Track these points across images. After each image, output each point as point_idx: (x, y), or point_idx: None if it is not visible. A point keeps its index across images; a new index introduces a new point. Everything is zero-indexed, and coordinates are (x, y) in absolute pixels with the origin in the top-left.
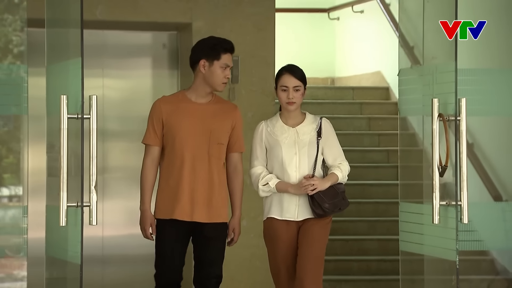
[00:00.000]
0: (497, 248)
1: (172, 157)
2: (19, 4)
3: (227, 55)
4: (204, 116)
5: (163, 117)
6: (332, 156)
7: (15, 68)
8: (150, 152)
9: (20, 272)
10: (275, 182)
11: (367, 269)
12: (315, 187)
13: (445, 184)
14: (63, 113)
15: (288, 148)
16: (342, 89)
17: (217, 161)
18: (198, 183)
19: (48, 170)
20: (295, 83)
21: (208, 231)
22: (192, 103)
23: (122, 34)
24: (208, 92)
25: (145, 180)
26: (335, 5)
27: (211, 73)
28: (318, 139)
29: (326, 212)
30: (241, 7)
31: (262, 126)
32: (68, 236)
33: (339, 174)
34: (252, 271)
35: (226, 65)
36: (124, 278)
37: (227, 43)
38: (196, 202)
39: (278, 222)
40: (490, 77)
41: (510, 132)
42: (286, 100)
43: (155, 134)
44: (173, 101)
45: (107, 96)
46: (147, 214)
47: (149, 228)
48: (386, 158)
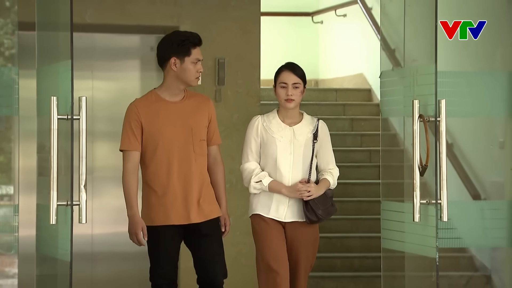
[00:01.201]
0: (476, 245)
1: (157, 162)
2: (10, 8)
3: (197, 49)
4: (183, 115)
5: (142, 120)
6: (325, 160)
7: (6, 70)
8: (130, 157)
9: (11, 269)
10: (268, 181)
11: (350, 266)
12: (311, 194)
13: (426, 183)
14: (53, 114)
15: (283, 147)
16: (326, 90)
17: (202, 158)
18: (189, 184)
19: (39, 170)
20: (294, 80)
21: (205, 228)
22: (167, 103)
23: (111, 37)
24: (181, 89)
25: (129, 186)
26: (318, 9)
27: (183, 70)
28: (314, 142)
29: (319, 219)
30: (227, 10)
31: (258, 120)
32: (58, 234)
33: (330, 180)
34: (238, 268)
35: (197, 60)
36: (113, 274)
37: (194, 37)
38: (191, 204)
39: (265, 218)
40: (469, 79)
41: (488, 132)
42: (285, 97)
43: (135, 138)
44: (149, 103)
45: (96, 98)
46: (136, 219)
47: (141, 233)
48: (368, 158)
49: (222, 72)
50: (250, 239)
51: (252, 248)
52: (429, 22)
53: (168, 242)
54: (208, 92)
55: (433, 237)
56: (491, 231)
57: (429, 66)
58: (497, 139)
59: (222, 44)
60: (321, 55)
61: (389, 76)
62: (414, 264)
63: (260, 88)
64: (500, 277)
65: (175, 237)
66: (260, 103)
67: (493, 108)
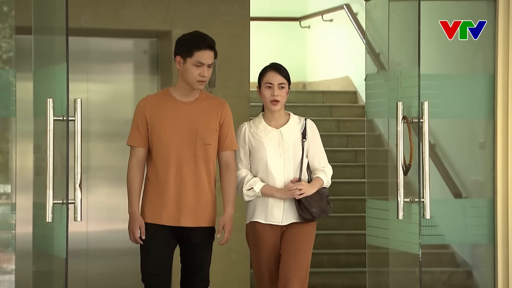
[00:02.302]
0: (457, 242)
1: (158, 160)
2: (8, 13)
3: (202, 52)
4: (190, 116)
5: (147, 117)
6: (316, 159)
7: (4, 73)
8: (135, 153)
9: (8, 265)
10: (260, 186)
11: (336, 262)
12: (303, 192)
13: (409, 182)
14: (50, 116)
15: (272, 150)
16: (313, 93)
17: (205, 163)
18: (185, 186)
19: (35, 169)
20: (280, 80)
21: (196, 236)
22: (176, 102)
23: (106, 41)
24: (189, 90)
25: (131, 182)
26: (306, 14)
27: (185, 71)
28: (303, 141)
29: (314, 217)
30: (218, 15)
31: (244, 128)
32: (54, 232)
33: (324, 178)
34: (228, 264)
35: (199, 63)
36: (108, 271)
37: (201, 40)
38: (183, 207)
39: (261, 226)
40: (451, 82)
41: (469, 133)
42: (271, 98)
43: (140, 134)
44: (157, 100)
45: (91, 100)
46: (135, 217)
47: (138, 231)
48: (354, 158)
49: (213, 75)
50: (240, 236)
51: (242, 243)
52: (412, 27)
53: (157, 242)
54: None
55: (416, 234)
56: (472, 229)
57: (412, 69)
58: (477, 139)
59: None
60: (309, 58)
61: (374, 79)
62: (398, 260)
63: (250, 91)
64: (480, 273)
65: (166, 238)
66: (249, 104)
67: (474, 109)
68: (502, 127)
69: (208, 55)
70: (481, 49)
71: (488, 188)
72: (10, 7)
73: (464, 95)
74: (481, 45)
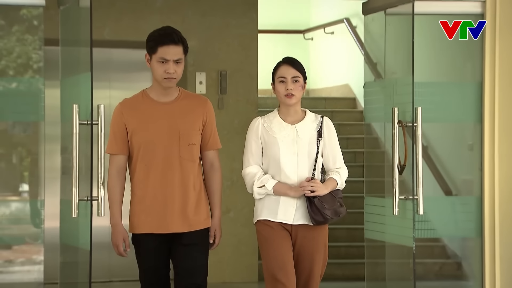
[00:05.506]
0: (448, 235)
1: (140, 165)
2: (38, 26)
3: (165, 48)
4: (170, 116)
5: (126, 122)
6: (332, 159)
7: (34, 81)
8: (114, 162)
9: (38, 257)
10: (272, 184)
11: (337, 254)
12: (315, 190)
13: (404, 181)
14: (75, 120)
15: (286, 147)
16: (316, 99)
17: (191, 164)
18: (171, 190)
19: (62, 169)
20: (293, 73)
21: (188, 238)
22: (155, 103)
23: (126, 51)
24: (163, 89)
25: (112, 192)
26: (309, 27)
27: (152, 69)
28: (319, 140)
29: (326, 219)
30: (229, 28)
31: (258, 122)
32: (79, 226)
33: (338, 179)
34: (238, 255)
35: (163, 59)
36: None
37: (165, 35)
38: (171, 212)
39: (271, 223)
40: (442, 89)
41: (459, 136)
42: (285, 92)
43: (119, 141)
44: (135, 103)
45: (113, 105)
46: (117, 229)
47: (122, 244)
48: (354, 158)
49: (224, 83)
50: (249, 229)
51: (251, 235)
52: (406, 39)
53: (149, 252)
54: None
55: (410, 228)
56: (461, 223)
57: (406, 78)
58: (466, 142)
59: (224, 58)
60: (312, 67)
61: (372, 86)
62: (393, 252)
63: (258, 97)
64: (469, 264)
65: (160, 245)
66: (258, 110)
67: (463, 114)
68: (489, 130)
69: (172, 51)
70: (470, 59)
71: (476, 186)
72: (40, 21)
73: (454, 101)
74: (469, 56)
